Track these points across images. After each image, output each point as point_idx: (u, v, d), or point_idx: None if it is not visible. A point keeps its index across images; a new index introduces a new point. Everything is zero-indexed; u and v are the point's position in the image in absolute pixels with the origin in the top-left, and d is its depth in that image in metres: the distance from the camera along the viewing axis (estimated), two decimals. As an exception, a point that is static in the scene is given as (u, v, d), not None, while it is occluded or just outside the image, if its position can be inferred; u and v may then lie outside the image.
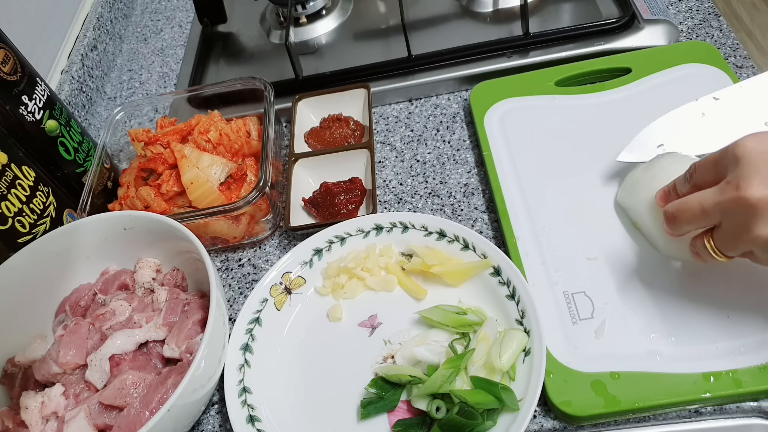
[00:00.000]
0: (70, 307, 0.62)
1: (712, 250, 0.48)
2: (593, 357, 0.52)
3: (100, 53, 0.95)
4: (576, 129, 0.68)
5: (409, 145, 0.75)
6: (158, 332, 0.57)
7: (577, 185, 0.64)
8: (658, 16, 0.76)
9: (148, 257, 0.64)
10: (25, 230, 0.62)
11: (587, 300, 0.56)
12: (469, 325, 0.56)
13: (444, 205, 0.68)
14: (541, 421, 0.52)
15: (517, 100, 0.72)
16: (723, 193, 0.45)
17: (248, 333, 0.59)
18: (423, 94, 0.79)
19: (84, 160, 0.74)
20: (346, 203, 0.67)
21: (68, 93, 0.85)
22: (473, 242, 0.60)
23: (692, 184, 0.50)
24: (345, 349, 0.59)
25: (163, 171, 0.70)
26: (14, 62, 0.65)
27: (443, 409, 0.50)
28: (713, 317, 0.53)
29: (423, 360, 0.54)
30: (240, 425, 0.53)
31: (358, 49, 0.85)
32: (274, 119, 0.71)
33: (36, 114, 0.67)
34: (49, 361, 0.56)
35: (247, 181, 0.69)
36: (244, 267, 0.69)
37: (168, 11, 1.06)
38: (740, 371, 0.49)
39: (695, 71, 0.70)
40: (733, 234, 0.45)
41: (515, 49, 0.77)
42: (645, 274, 0.56)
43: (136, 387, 0.53)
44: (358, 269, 0.62)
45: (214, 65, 0.90)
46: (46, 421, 0.53)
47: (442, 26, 0.84)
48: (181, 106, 0.81)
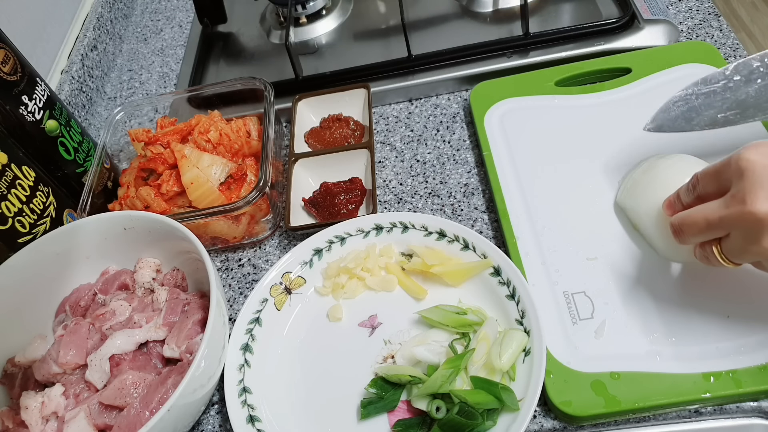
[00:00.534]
0: (70, 307, 0.62)
1: (720, 257, 0.48)
2: (593, 357, 0.52)
3: (100, 53, 0.95)
4: (576, 129, 0.68)
5: (409, 145, 0.75)
6: (158, 332, 0.57)
7: (577, 185, 0.64)
8: (658, 16, 0.76)
9: (148, 257, 0.64)
10: (25, 230, 0.62)
11: (587, 300, 0.56)
12: (469, 325, 0.56)
13: (444, 205, 0.68)
14: (541, 421, 0.52)
15: (517, 100, 0.72)
16: (728, 207, 0.45)
17: (248, 333, 0.59)
18: (423, 94, 0.79)
19: (84, 160, 0.74)
20: (346, 203, 0.67)
21: (68, 93, 0.85)
22: (473, 242, 0.60)
23: (696, 195, 0.50)
24: (345, 349, 0.59)
25: (163, 171, 0.70)
26: (14, 62, 0.65)
27: (443, 409, 0.50)
28: (713, 317, 0.53)
29: (423, 360, 0.54)
30: (240, 425, 0.53)
31: (358, 49, 0.85)
32: (274, 119, 0.71)
33: (36, 114, 0.67)
34: (49, 361, 0.56)
35: (247, 181, 0.69)
36: (244, 267, 0.69)
37: (168, 11, 1.06)
38: (740, 371, 0.49)
39: (695, 71, 0.70)
40: (740, 246, 0.45)
41: (515, 49, 0.77)
42: (645, 274, 0.56)
43: (136, 387, 0.53)
44: (358, 269, 0.62)
45: (214, 65, 0.90)
46: (46, 421, 0.53)
47: (442, 26, 0.84)
48: (181, 106, 0.81)
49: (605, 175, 0.64)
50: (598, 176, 0.64)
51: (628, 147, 0.65)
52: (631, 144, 0.65)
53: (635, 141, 0.65)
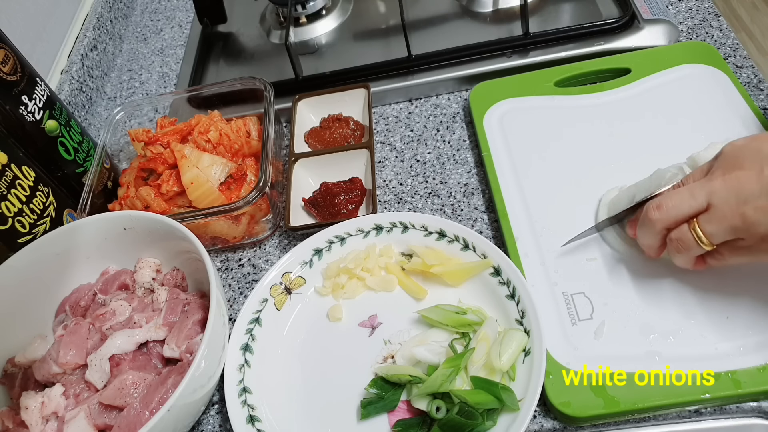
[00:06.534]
0: (70, 307, 0.62)
1: (698, 236, 0.48)
2: (593, 357, 0.52)
3: (100, 53, 0.95)
4: (575, 129, 0.68)
5: (409, 145, 0.75)
6: (158, 332, 0.57)
7: (577, 185, 0.64)
8: (658, 16, 0.76)
9: (148, 257, 0.64)
10: (25, 230, 0.62)
11: (586, 301, 0.56)
12: (468, 324, 0.56)
13: (444, 205, 0.68)
14: (541, 422, 0.52)
15: (516, 101, 0.72)
16: (709, 180, 0.48)
17: (248, 333, 0.59)
18: (423, 94, 0.80)
19: (84, 160, 0.74)
20: (346, 203, 0.67)
21: (68, 93, 0.85)
22: (473, 242, 0.60)
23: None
24: (345, 349, 0.59)
25: (163, 171, 0.70)
26: (14, 62, 0.65)
27: (443, 409, 0.50)
28: (713, 318, 0.53)
29: (423, 360, 0.54)
30: (240, 425, 0.54)
31: (358, 49, 0.85)
32: (274, 119, 0.71)
33: (36, 114, 0.67)
34: (49, 361, 0.56)
35: (247, 181, 0.69)
36: (244, 267, 0.69)
37: (168, 11, 1.06)
38: (740, 372, 0.49)
39: (695, 71, 0.70)
40: (721, 214, 0.46)
41: (515, 49, 0.77)
42: (644, 274, 0.56)
43: (136, 387, 0.53)
44: (358, 269, 0.62)
45: (214, 65, 0.90)
46: (46, 421, 0.53)
47: (442, 26, 0.84)
48: (181, 106, 0.81)
49: (605, 175, 0.64)
50: (597, 176, 0.64)
51: (628, 147, 0.65)
52: (630, 144, 0.65)
53: (635, 141, 0.65)
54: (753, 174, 0.45)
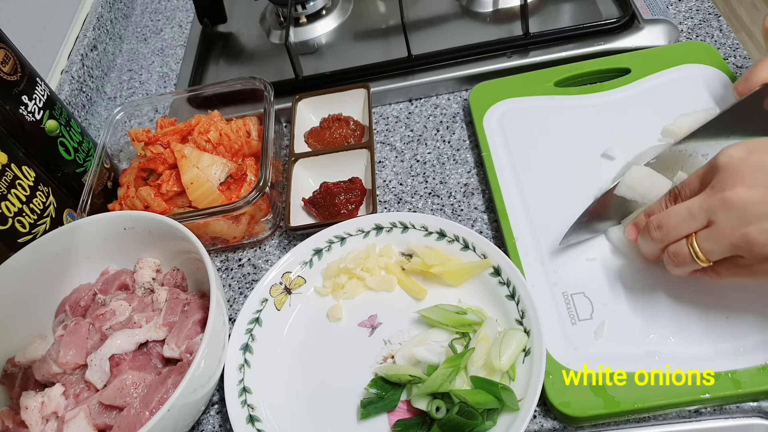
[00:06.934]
0: (70, 307, 0.62)
1: (695, 252, 0.48)
2: (592, 357, 0.52)
3: (100, 53, 0.95)
4: (575, 129, 0.68)
5: (409, 145, 0.75)
6: (158, 332, 0.57)
7: (576, 186, 0.64)
8: (658, 16, 0.76)
9: (148, 257, 0.64)
10: (25, 230, 0.62)
11: (586, 301, 0.56)
12: (468, 324, 0.56)
13: (444, 205, 0.68)
14: (541, 421, 0.52)
15: (516, 101, 0.72)
16: (709, 197, 0.47)
17: (248, 333, 0.59)
18: (423, 94, 0.80)
19: (84, 160, 0.74)
20: (346, 203, 0.67)
21: (68, 93, 0.85)
22: (473, 242, 0.60)
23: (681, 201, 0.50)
24: (345, 349, 0.59)
25: (163, 171, 0.70)
26: (14, 62, 0.65)
27: (443, 409, 0.50)
28: (712, 318, 0.53)
29: (423, 360, 0.54)
30: (240, 425, 0.54)
31: (358, 49, 0.85)
32: (274, 119, 0.71)
33: (36, 114, 0.67)
34: (49, 361, 0.56)
35: (247, 181, 0.69)
36: (244, 267, 0.69)
37: (168, 11, 1.06)
38: (739, 372, 0.49)
39: (695, 71, 0.70)
40: (721, 232, 0.46)
41: (515, 49, 0.77)
42: (644, 274, 0.56)
43: (136, 387, 0.53)
44: (358, 269, 0.62)
45: (214, 65, 0.90)
46: (46, 421, 0.53)
47: (442, 26, 0.84)
48: (181, 106, 0.81)
49: (604, 175, 0.64)
50: (597, 176, 0.64)
51: (628, 147, 0.65)
52: (630, 144, 0.65)
53: (635, 141, 0.65)
54: (758, 194, 0.44)
